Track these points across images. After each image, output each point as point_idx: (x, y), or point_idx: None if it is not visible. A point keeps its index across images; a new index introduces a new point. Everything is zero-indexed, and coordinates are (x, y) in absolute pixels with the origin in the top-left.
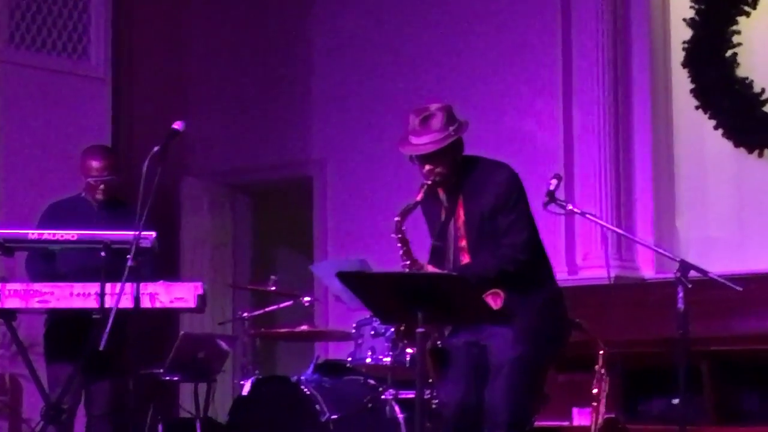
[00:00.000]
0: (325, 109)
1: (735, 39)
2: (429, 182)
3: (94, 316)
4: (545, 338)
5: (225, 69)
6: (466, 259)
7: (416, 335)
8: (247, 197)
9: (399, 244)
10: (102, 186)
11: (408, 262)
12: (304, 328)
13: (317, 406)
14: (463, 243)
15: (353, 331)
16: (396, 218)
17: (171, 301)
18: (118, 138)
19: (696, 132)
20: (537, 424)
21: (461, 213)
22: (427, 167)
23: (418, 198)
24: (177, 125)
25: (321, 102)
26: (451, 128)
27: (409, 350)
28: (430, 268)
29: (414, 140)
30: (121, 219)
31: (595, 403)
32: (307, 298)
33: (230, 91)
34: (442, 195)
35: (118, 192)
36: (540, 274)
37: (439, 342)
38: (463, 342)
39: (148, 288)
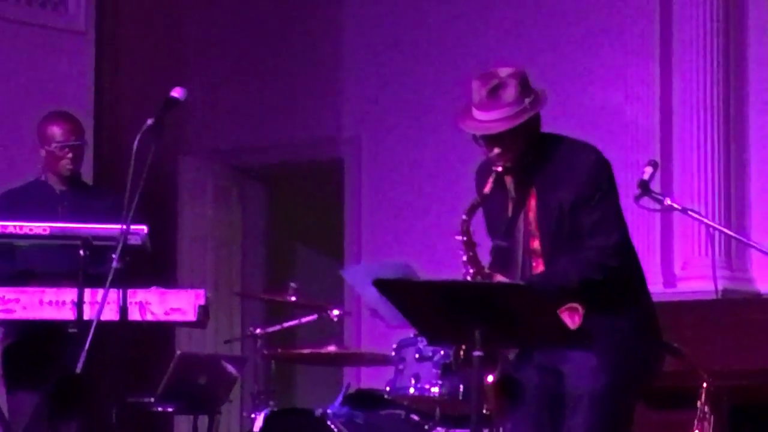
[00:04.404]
0: (359, 76)
1: None
2: (499, 169)
3: (69, 330)
4: (634, 367)
5: (234, 25)
6: (539, 266)
7: (473, 360)
8: (260, 183)
9: (464, 248)
10: (70, 154)
11: (473, 270)
12: (331, 349)
13: None
14: (536, 244)
15: (393, 353)
16: (462, 217)
17: (166, 313)
18: (102, 106)
19: None
20: None
21: (533, 206)
22: (496, 150)
23: (486, 190)
24: (176, 93)
25: (354, 67)
26: (526, 101)
27: None
28: (500, 278)
29: (480, 115)
30: (93, 207)
31: None
32: (335, 312)
33: (240, 52)
34: (509, 183)
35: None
36: (631, 288)
37: (507, 372)
38: (535, 368)
39: (137, 296)
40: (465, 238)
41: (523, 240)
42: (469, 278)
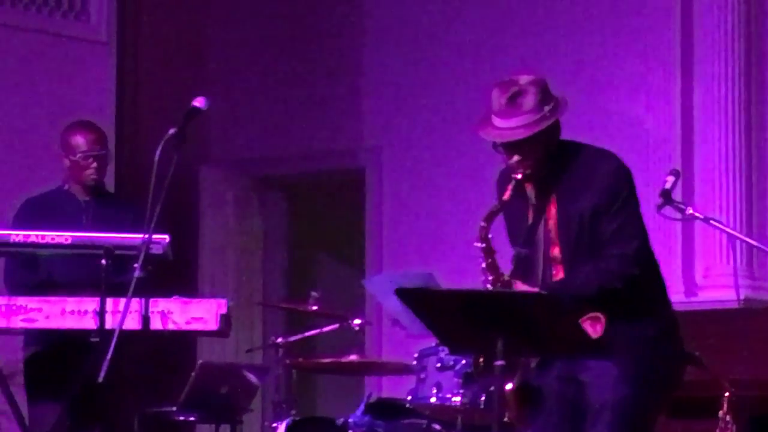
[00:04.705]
0: (381, 85)
1: None
2: (518, 176)
3: (91, 340)
4: (655, 377)
5: (256, 35)
6: (559, 273)
7: (495, 369)
8: (281, 193)
9: (483, 255)
10: (94, 163)
11: (492, 278)
12: (352, 358)
13: None
14: (556, 252)
15: (414, 363)
16: (481, 223)
17: (187, 322)
18: (123, 116)
19: None
20: None
21: (554, 214)
22: (516, 158)
23: (506, 197)
24: (198, 102)
25: (376, 76)
26: (546, 108)
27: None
28: (521, 286)
29: (499, 123)
30: (117, 217)
31: None
32: (356, 321)
33: (261, 62)
34: (529, 190)
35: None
36: (652, 297)
37: (527, 380)
38: (556, 377)
39: (159, 305)
40: (484, 245)
41: (544, 247)
42: (488, 286)
